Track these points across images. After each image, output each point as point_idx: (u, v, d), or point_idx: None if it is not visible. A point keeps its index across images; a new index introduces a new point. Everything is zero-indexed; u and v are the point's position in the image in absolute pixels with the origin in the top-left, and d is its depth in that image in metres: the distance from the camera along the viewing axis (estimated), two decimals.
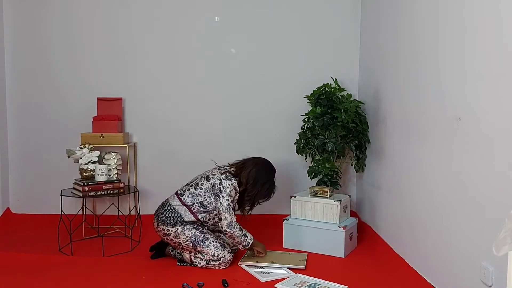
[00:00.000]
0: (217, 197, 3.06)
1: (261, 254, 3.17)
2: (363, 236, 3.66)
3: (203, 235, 3.03)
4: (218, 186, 3.06)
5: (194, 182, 3.17)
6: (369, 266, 3.09)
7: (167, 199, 3.19)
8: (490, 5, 2.10)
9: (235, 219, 3.06)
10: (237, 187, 3.11)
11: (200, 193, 3.09)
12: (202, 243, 3.00)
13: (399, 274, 2.91)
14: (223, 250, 3.01)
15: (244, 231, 3.10)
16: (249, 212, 3.36)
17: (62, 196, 3.37)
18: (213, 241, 3.01)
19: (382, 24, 3.55)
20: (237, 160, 3.29)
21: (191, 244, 3.02)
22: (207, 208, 3.08)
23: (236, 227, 3.05)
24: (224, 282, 2.73)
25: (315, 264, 3.11)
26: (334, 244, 3.29)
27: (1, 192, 4.02)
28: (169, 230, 3.05)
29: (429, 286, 2.66)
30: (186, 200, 3.10)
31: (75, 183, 3.42)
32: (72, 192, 3.40)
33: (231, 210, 3.05)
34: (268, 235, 3.75)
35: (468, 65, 2.29)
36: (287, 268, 2.98)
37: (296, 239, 3.43)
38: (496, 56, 2.05)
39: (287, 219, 3.51)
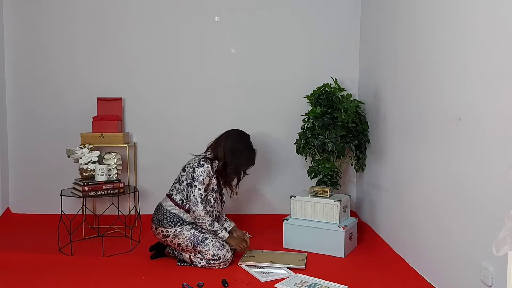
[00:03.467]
0: (189, 187, 3.07)
1: (240, 248, 3.16)
2: (363, 236, 3.66)
3: (202, 235, 3.03)
4: (192, 175, 3.07)
5: (177, 178, 3.20)
6: (369, 266, 3.10)
7: (160, 203, 3.20)
8: (490, 5, 2.11)
9: (203, 213, 3.04)
10: (210, 172, 3.10)
11: (184, 188, 3.11)
12: (201, 243, 3.00)
13: (399, 274, 2.91)
14: (223, 250, 3.01)
15: (216, 227, 3.08)
16: (237, 188, 3.37)
17: (62, 196, 3.38)
18: (212, 241, 3.01)
19: (382, 24, 3.56)
20: (210, 142, 3.31)
21: (190, 245, 3.02)
22: None
23: (205, 221, 3.05)
24: (224, 282, 2.74)
25: (315, 264, 3.12)
26: (334, 244, 3.29)
27: (1, 192, 4.02)
28: (168, 232, 3.05)
29: (429, 286, 2.66)
30: (176, 198, 3.12)
31: (75, 183, 3.43)
32: (72, 192, 3.40)
33: (199, 204, 3.03)
34: (268, 235, 3.76)
35: (468, 65, 2.29)
36: (287, 268, 2.99)
37: (296, 239, 3.43)
38: (497, 56, 2.05)
39: (287, 219, 3.51)
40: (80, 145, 3.58)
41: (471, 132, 2.26)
